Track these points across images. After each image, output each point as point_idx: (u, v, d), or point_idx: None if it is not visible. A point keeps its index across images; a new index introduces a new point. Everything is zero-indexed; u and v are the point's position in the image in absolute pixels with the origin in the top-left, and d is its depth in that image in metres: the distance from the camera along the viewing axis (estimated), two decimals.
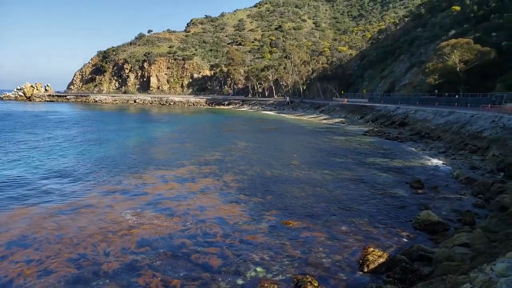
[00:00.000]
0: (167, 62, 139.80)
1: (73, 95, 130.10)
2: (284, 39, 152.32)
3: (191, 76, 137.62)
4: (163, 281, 8.92)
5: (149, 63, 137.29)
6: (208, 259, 10.08)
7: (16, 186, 17.19)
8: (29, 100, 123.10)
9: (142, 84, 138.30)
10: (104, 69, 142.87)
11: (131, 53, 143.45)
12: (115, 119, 61.57)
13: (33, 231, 11.71)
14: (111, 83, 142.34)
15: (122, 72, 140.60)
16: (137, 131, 42.72)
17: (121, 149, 29.07)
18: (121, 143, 32.90)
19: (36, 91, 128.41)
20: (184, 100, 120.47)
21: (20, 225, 12.22)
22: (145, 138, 37.22)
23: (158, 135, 39.90)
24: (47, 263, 9.65)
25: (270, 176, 20.16)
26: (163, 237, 11.49)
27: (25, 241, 11.03)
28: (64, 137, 35.61)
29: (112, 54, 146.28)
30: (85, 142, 32.80)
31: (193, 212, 13.86)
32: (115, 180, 18.79)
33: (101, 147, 29.79)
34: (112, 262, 9.81)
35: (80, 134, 38.28)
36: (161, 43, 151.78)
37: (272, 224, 12.68)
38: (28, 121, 51.57)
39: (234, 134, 41.23)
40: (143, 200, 15.36)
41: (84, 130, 42.15)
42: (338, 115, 67.30)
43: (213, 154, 27.08)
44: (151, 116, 74.96)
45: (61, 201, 14.98)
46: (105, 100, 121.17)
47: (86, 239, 11.16)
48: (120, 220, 12.81)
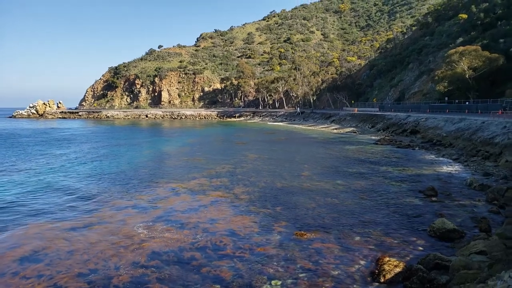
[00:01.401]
0: (178, 76, 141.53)
1: (85, 111, 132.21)
2: (293, 51, 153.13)
3: (202, 90, 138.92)
4: None
5: (160, 78, 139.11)
6: (219, 272, 9.94)
7: (29, 203, 17.37)
8: (41, 117, 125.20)
9: (154, 99, 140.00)
10: (116, 85, 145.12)
11: (142, 69, 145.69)
12: (127, 134, 62.27)
13: (45, 247, 11.74)
14: (123, 98, 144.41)
15: (134, 87, 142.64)
16: (149, 146, 43.06)
17: (133, 164, 29.27)
18: (133, 157, 33.15)
19: (48, 108, 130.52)
20: (195, 114, 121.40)
21: (32, 241, 12.27)
22: (157, 152, 37.47)
23: (170, 149, 40.13)
24: (57, 279, 9.63)
25: (280, 187, 19.99)
26: (173, 250, 11.41)
27: (37, 256, 11.05)
28: (76, 153, 36.06)
29: (123, 70, 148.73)
30: (97, 157, 33.15)
31: (203, 225, 13.77)
32: (128, 194, 18.85)
33: (113, 162, 30.06)
34: (123, 276, 9.74)
35: (92, 150, 38.73)
36: (171, 58, 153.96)
37: (283, 236, 12.49)
38: (40, 139, 52.48)
39: (245, 146, 41.23)
40: (155, 213, 15.35)
41: (96, 146, 42.66)
42: (349, 124, 66.90)
43: (223, 166, 27.06)
44: (162, 130, 75.66)
45: (74, 217, 15.04)
46: (117, 116, 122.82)
47: (97, 255, 11.12)
48: (132, 234, 12.78)
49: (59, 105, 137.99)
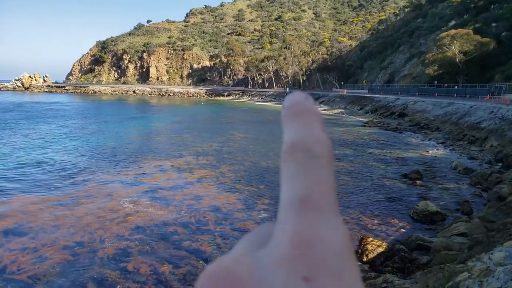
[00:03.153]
0: (167, 52, 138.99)
1: (72, 85, 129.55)
2: (284, 29, 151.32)
3: (191, 67, 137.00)
4: (152, 266, 9.03)
5: (148, 54, 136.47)
6: (200, 246, 10.19)
7: (15, 177, 17.24)
8: (27, 90, 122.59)
9: (142, 75, 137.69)
10: (103, 60, 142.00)
11: (130, 44, 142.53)
12: (115, 110, 61.44)
13: (30, 221, 11.76)
14: (110, 73, 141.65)
15: (121, 62, 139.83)
16: (137, 122, 42.68)
17: (120, 140, 29.08)
18: (121, 134, 32.89)
19: (34, 82, 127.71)
20: (183, 91, 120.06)
21: (16, 214, 12.28)
22: (145, 129, 37.20)
23: (158, 126, 39.87)
24: (42, 251, 9.72)
25: (265, 166, 20.19)
26: (157, 224, 11.61)
27: (21, 230, 11.08)
28: (63, 128, 35.62)
29: (111, 45, 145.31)
30: (85, 133, 32.80)
31: (188, 202, 13.95)
32: (115, 170, 18.89)
33: (101, 138, 29.81)
34: (107, 248, 9.94)
35: (80, 125, 38.26)
36: (160, 33, 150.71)
37: (265, 213, 12.75)
38: (25, 113, 51.49)
39: (233, 125, 41.18)
40: (141, 189, 15.44)
41: (84, 121, 42.12)
42: (337, 106, 67.18)
43: (211, 144, 27.10)
44: (150, 107, 74.81)
45: (61, 191, 15.04)
46: (104, 91, 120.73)
47: (83, 228, 11.25)
48: (118, 209, 12.92)
49: (46, 79, 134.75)
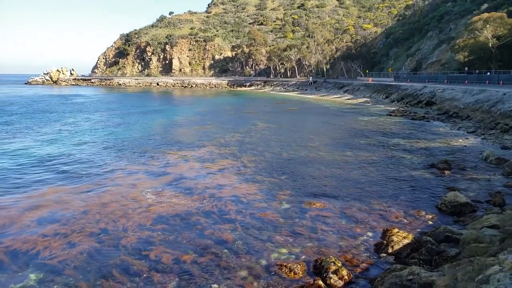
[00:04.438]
0: (189, 44, 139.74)
1: (97, 78, 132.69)
2: (307, 17, 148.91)
3: (213, 58, 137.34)
4: (174, 255, 9.19)
5: (171, 45, 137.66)
6: (221, 235, 10.30)
7: (46, 167, 17.94)
8: (55, 83, 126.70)
9: (165, 67, 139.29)
10: (127, 52, 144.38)
11: (153, 36, 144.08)
12: (139, 102, 62.55)
13: (62, 208, 12.23)
14: (134, 66, 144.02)
15: (145, 55, 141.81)
16: (160, 114, 43.32)
17: (145, 131, 29.64)
18: (145, 125, 33.51)
19: (62, 75, 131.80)
20: (205, 82, 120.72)
21: (50, 203, 12.79)
22: (168, 120, 37.72)
23: (180, 117, 40.34)
24: (71, 237, 10.09)
25: (287, 157, 20.11)
26: (179, 214, 11.80)
27: (54, 217, 11.53)
28: (89, 120, 36.62)
29: (134, 37, 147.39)
30: (111, 125, 33.63)
31: (210, 191, 14.10)
32: (140, 160, 19.39)
33: (126, 130, 30.49)
34: (130, 237, 10.19)
35: (105, 118, 39.24)
36: (182, 24, 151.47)
37: (286, 203, 12.73)
38: (54, 105, 53.18)
39: (255, 116, 41.14)
40: (164, 179, 15.72)
41: (109, 113, 43.15)
42: (362, 94, 65.88)
43: (233, 135, 27.21)
44: (173, 98, 75.71)
45: (89, 180, 15.58)
46: (128, 83, 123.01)
47: (108, 215, 11.60)
48: (141, 199, 13.22)
49: (72, 72, 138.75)
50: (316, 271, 8.32)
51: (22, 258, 9.03)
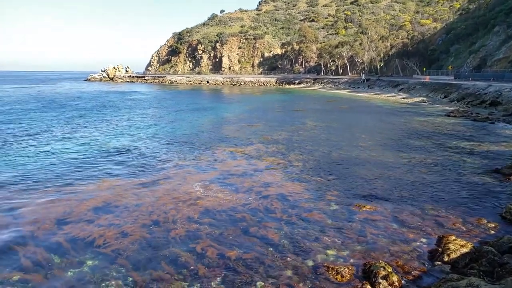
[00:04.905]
0: (239, 41, 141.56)
1: (151, 76, 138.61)
2: (361, 13, 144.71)
3: (262, 55, 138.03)
4: (220, 250, 9.39)
5: (221, 44, 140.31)
6: (266, 233, 10.33)
7: (102, 161, 19.11)
8: (111, 80, 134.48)
9: (215, 65, 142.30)
10: (179, 51, 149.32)
11: (204, 34, 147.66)
12: (189, 99, 64.49)
13: (116, 200, 12.98)
14: (186, 64, 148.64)
15: (196, 53, 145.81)
16: (210, 111, 44.37)
17: (195, 128, 30.55)
18: (195, 121, 34.51)
19: (118, 73, 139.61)
20: (254, 80, 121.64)
21: (105, 194, 13.60)
22: (217, 117, 38.54)
23: (229, 115, 41.02)
24: (124, 228, 10.65)
25: (337, 156, 19.71)
26: (225, 209, 12.05)
27: (108, 208, 12.24)
28: (143, 116, 38.42)
29: (186, 36, 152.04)
30: (163, 120, 35.08)
31: (256, 189, 14.22)
32: (190, 155, 20.08)
33: (177, 126, 31.62)
34: (179, 229, 10.57)
35: (158, 113, 41.00)
36: (233, 22, 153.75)
37: (334, 205, 12.48)
38: (110, 101, 56.36)
39: (304, 114, 40.80)
40: (213, 174, 16.15)
41: (161, 110, 44.97)
42: (418, 93, 62.86)
43: (280, 133, 27.18)
44: (222, 96, 77.18)
45: (142, 174, 16.40)
46: (180, 81, 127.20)
47: (160, 208, 12.14)
48: (190, 192, 13.72)
49: (127, 70, 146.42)
50: (365, 276, 8.09)
51: (79, 244, 9.68)
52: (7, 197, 13.10)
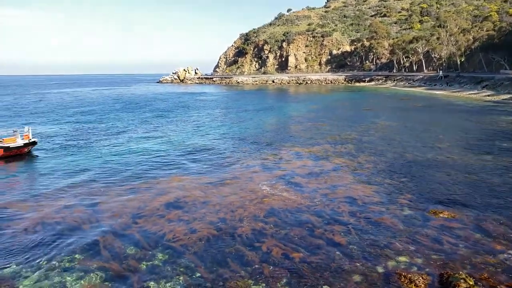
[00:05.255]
0: (306, 40, 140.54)
1: (218, 77, 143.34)
2: (438, 5, 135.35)
3: (330, 53, 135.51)
4: (284, 250, 9.38)
5: (287, 42, 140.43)
6: (332, 236, 10.11)
7: (172, 159, 20.22)
8: (182, 82, 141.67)
9: (281, 64, 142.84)
10: (246, 51, 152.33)
11: (271, 34, 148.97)
12: (255, 99, 65.48)
13: (185, 196, 13.61)
14: (252, 64, 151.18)
15: (262, 53, 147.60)
16: (275, 110, 44.64)
17: (260, 127, 30.96)
18: (260, 121, 34.96)
19: (187, 74, 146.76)
20: (321, 78, 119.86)
21: (175, 191, 14.35)
22: (282, 117, 38.64)
23: (294, 113, 40.88)
24: (193, 224, 11.14)
25: (411, 158, 18.64)
26: (290, 210, 12.05)
27: (178, 204, 12.90)
28: (210, 116, 39.82)
29: (253, 36, 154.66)
30: (229, 120, 36.07)
31: (322, 190, 14.01)
32: (255, 155, 20.42)
33: (243, 125, 32.31)
34: (245, 227, 10.80)
35: (225, 113, 42.27)
36: (300, 21, 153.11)
37: (407, 210, 11.83)
38: (180, 103, 59.27)
39: (374, 113, 39.20)
40: (278, 174, 16.23)
41: (228, 110, 46.27)
42: (506, 90, 57.09)
43: (349, 133, 26.43)
44: (288, 95, 77.17)
45: (209, 172, 17.05)
46: (246, 81, 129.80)
47: (226, 206, 12.49)
48: (257, 191, 13.95)
49: (197, 72, 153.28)
50: (442, 286, 7.55)
51: (152, 238, 10.31)
52: (89, 193, 14.40)
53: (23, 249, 9.70)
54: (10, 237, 10.42)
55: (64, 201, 13.33)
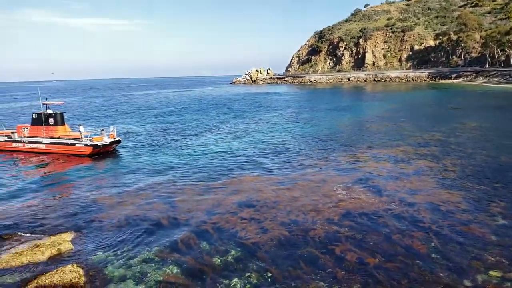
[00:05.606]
0: (384, 35, 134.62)
1: (290, 76, 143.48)
2: None
3: (411, 49, 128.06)
4: (359, 255, 9.10)
5: (364, 39, 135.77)
6: (411, 243, 9.59)
7: (244, 158, 20.78)
8: (254, 83, 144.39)
9: (357, 62, 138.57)
10: (319, 49, 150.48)
11: (346, 30, 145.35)
12: (328, 98, 64.39)
13: (256, 196, 13.88)
14: (326, 62, 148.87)
15: (337, 50, 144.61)
16: (349, 110, 43.46)
17: (333, 127, 30.39)
18: (334, 121, 34.31)
19: (260, 75, 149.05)
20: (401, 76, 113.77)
21: (247, 190, 14.72)
22: (358, 116, 37.48)
23: (371, 113, 39.41)
24: (265, 223, 11.32)
25: (506, 161, 16.95)
26: (367, 213, 11.64)
27: (250, 203, 13.19)
28: (282, 117, 40.04)
29: (327, 34, 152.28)
30: (301, 120, 35.94)
31: (402, 194, 13.33)
32: (329, 156, 20.09)
33: (315, 126, 31.99)
34: (318, 230, 10.68)
35: (296, 113, 42.18)
36: (378, 16, 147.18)
37: (500, 219, 10.75)
38: (253, 104, 60.45)
39: (463, 112, 36.19)
40: (354, 176, 15.81)
41: (299, 110, 46.11)
42: None
43: (433, 134, 24.76)
44: (364, 94, 74.55)
45: (281, 172, 17.17)
46: (319, 80, 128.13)
47: (298, 207, 12.46)
48: (331, 194, 13.68)
49: (269, 72, 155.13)
50: None
51: (225, 234, 10.69)
52: (167, 190, 15.38)
53: (108, 239, 10.68)
54: (98, 228, 11.53)
55: (144, 197, 14.39)
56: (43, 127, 24.18)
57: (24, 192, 15.45)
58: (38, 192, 15.50)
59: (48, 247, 10.02)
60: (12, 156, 23.08)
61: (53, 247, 10.03)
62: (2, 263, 9.31)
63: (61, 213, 12.84)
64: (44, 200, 14.35)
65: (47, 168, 20.15)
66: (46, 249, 9.89)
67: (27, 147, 23.96)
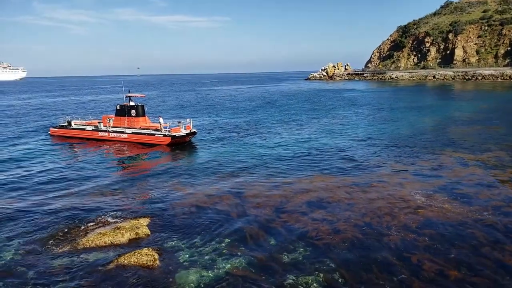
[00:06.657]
0: (479, 29, 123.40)
1: (370, 72, 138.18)
2: None
3: (510, 44, 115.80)
4: (439, 266, 8.50)
5: (455, 34, 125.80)
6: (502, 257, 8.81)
7: (313, 156, 20.52)
8: (330, 79, 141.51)
9: (444, 58, 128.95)
10: (403, 45, 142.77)
11: (434, 25, 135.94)
12: (410, 96, 60.85)
13: (328, 196, 13.61)
14: (409, 58, 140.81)
15: (422, 46, 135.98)
16: (434, 110, 40.67)
17: (414, 128, 28.72)
18: (415, 121, 32.41)
19: (337, 71, 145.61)
20: (496, 73, 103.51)
21: (318, 190, 14.51)
22: (442, 117, 34.92)
23: (458, 114, 36.44)
24: (337, 225, 11.06)
25: None
26: (451, 223, 10.82)
27: (321, 203, 12.98)
28: (358, 115, 38.74)
29: (412, 28, 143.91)
30: (379, 119, 34.51)
31: (495, 203, 12.23)
32: (408, 159, 19.05)
33: (394, 125, 30.48)
34: (393, 236, 10.17)
35: (374, 112, 40.55)
36: (472, 8, 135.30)
37: None
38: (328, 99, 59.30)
39: None
40: (436, 183, 14.79)
41: (378, 108, 44.22)
42: None
43: None
44: (451, 93, 69.20)
45: (354, 173, 16.68)
46: (401, 77, 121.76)
47: (373, 211, 12.01)
48: (408, 199, 12.97)
49: (346, 68, 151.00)
50: None
51: (294, 233, 10.63)
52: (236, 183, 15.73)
53: (181, 227, 11.25)
54: (172, 215, 12.18)
55: (215, 189, 14.87)
56: (126, 118, 26.23)
57: (106, 179, 16.89)
58: (119, 179, 16.85)
59: (128, 230, 10.83)
60: (98, 145, 25.29)
61: (132, 230, 10.82)
62: (89, 241, 10.26)
63: (139, 200, 13.83)
64: (124, 187, 15.57)
65: (128, 157, 21.82)
66: (125, 232, 10.71)
67: (112, 136, 26.15)
